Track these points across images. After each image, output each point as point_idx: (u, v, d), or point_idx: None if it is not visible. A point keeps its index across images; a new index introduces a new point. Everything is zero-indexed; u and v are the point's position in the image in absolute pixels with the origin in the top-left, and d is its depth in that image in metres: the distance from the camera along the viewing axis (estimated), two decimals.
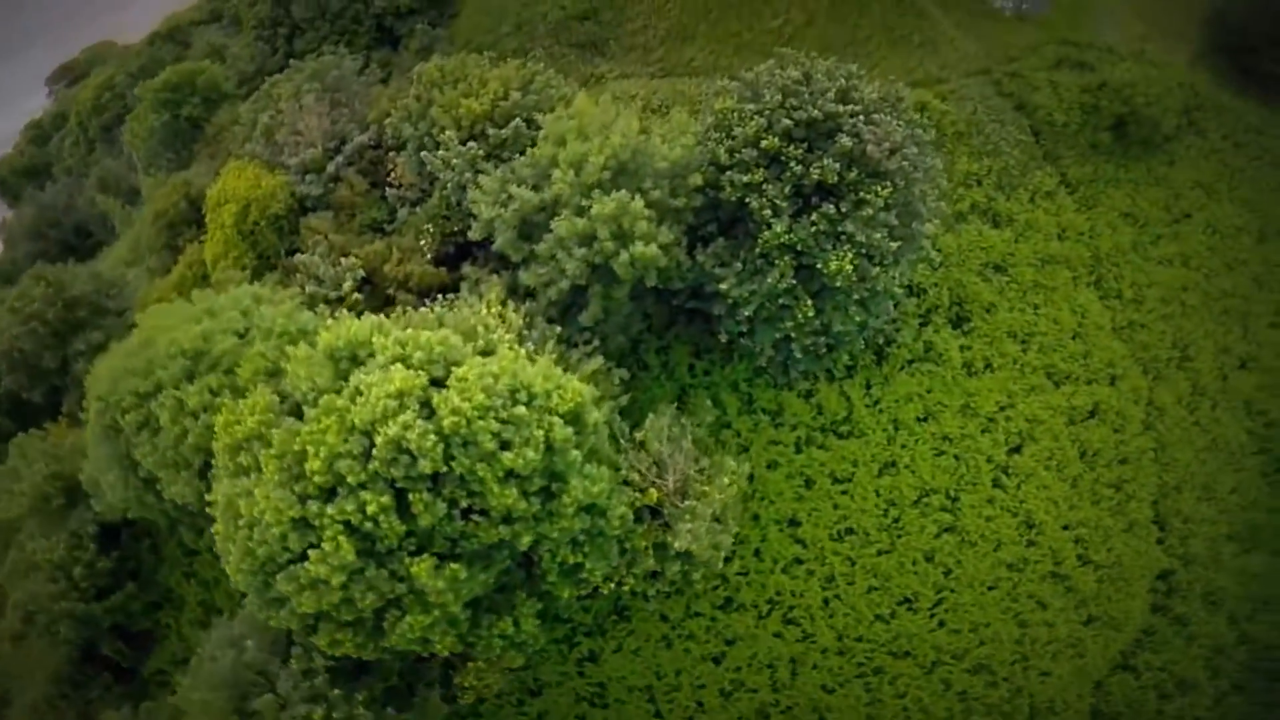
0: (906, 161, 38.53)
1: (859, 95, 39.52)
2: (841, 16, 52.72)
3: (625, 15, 52.72)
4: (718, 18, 52.15)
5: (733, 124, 39.87)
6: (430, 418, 33.25)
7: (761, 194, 38.59)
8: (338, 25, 55.47)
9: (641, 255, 36.81)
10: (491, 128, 41.69)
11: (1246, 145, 53.91)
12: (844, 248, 38.22)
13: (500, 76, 43.29)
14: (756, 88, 40.69)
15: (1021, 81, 51.31)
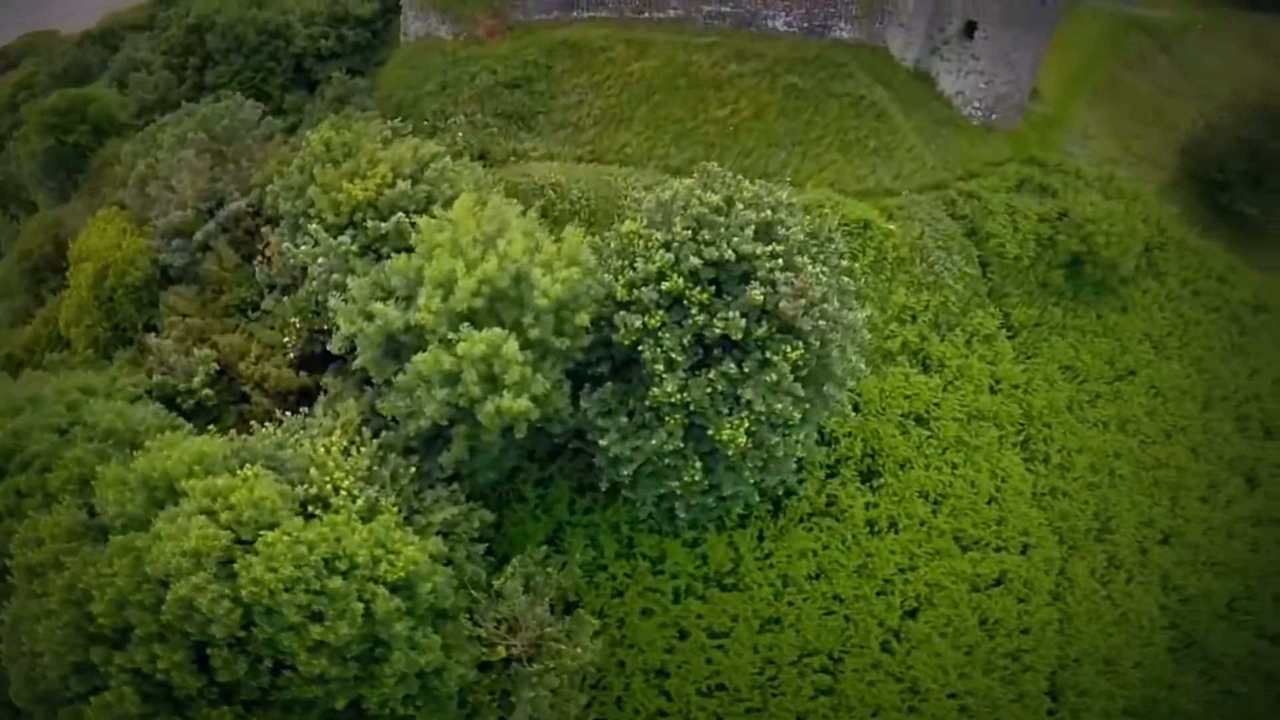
0: (824, 321, 31.80)
1: (784, 233, 32.64)
2: (794, 111, 45.45)
3: (560, 88, 45.15)
4: (660, 101, 44.74)
5: (636, 253, 32.95)
6: (231, 580, 27.56)
7: (658, 342, 31.90)
8: (253, 61, 48.06)
9: (509, 409, 30.26)
10: (372, 218, 34.56)
11: (1205, 294, 47.10)
12: (741, 413, 31.93)
13: (392, 158, 35.83)
14: (669, 211, 33.31)
15: (977, 204, 44.37)
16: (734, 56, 46.19)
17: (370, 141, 36.64)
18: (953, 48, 48.75)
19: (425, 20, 47.98)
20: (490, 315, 31.53)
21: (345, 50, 47.95)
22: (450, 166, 36.43)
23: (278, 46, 48.23)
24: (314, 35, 47.42)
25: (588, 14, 47.54)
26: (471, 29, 47.60)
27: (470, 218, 32.36)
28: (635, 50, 45.85)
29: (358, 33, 48.29)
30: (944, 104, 48.62)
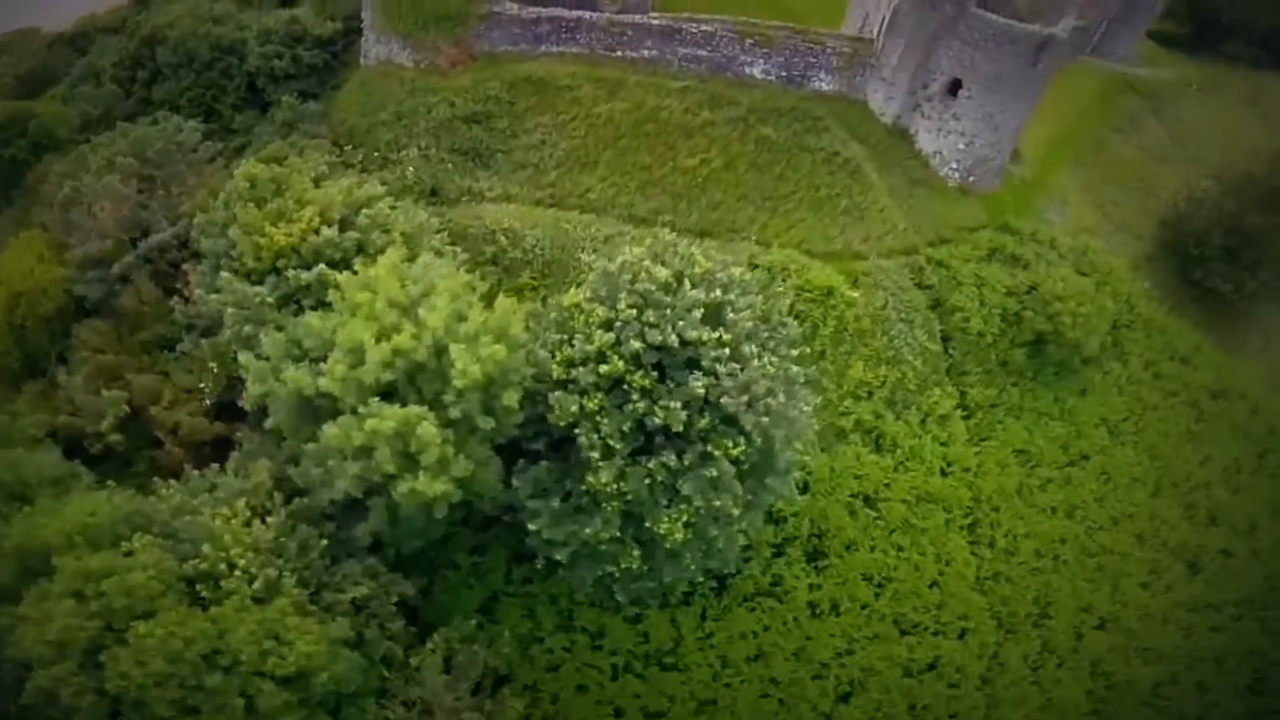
0: (768, 417, 28.18)
1: (733, 318, 28.74)
2: (766, 165, 41.82)
3: (522, 125, 41.14)
4: (627, 146, 41.03)
5: (576, 329, 29.40)
6: (97, 670, 24.24)
7: (595, 426, 28.55)
8: (204, 78, 43.63)
9: (425, 491, 26.89)
10: (295, 266, 30.77)
11: (1167, 378, 44.05)
12: (680, 505, 28.78)
13: (323, 200, 31.72)
14: (615, 285, 29.68)
15: (945, 274, 41.22)
16: (707, 103, 42.66)
17: (301, 179, 32.55)
18: (934, 105, 45.58)
19: (386, 45, 43.54)
20: (410, 386, 28.06)
21: (300, 72, 43.50)
22: (387, 211, 32.31)
23: (230, 64, 43.90)
24: (268, 55, 42.97)
25: (557, 49, 43.49)
26: (433, 58, 43.43)
27: (393, 278, 28.47)
28: (604, 90, 42.20)
29: (314, 54, 43.83)
30: (920, 163, 45.20)
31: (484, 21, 43.32)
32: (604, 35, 44.08)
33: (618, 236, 38.21)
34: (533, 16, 43.47)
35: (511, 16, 43.34)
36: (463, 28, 43.41)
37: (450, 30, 43.50)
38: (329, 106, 44.03)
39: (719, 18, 44.72)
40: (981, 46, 43.16)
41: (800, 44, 44.90)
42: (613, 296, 29.45)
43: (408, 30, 43.03)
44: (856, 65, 45.52)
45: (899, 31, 44.41)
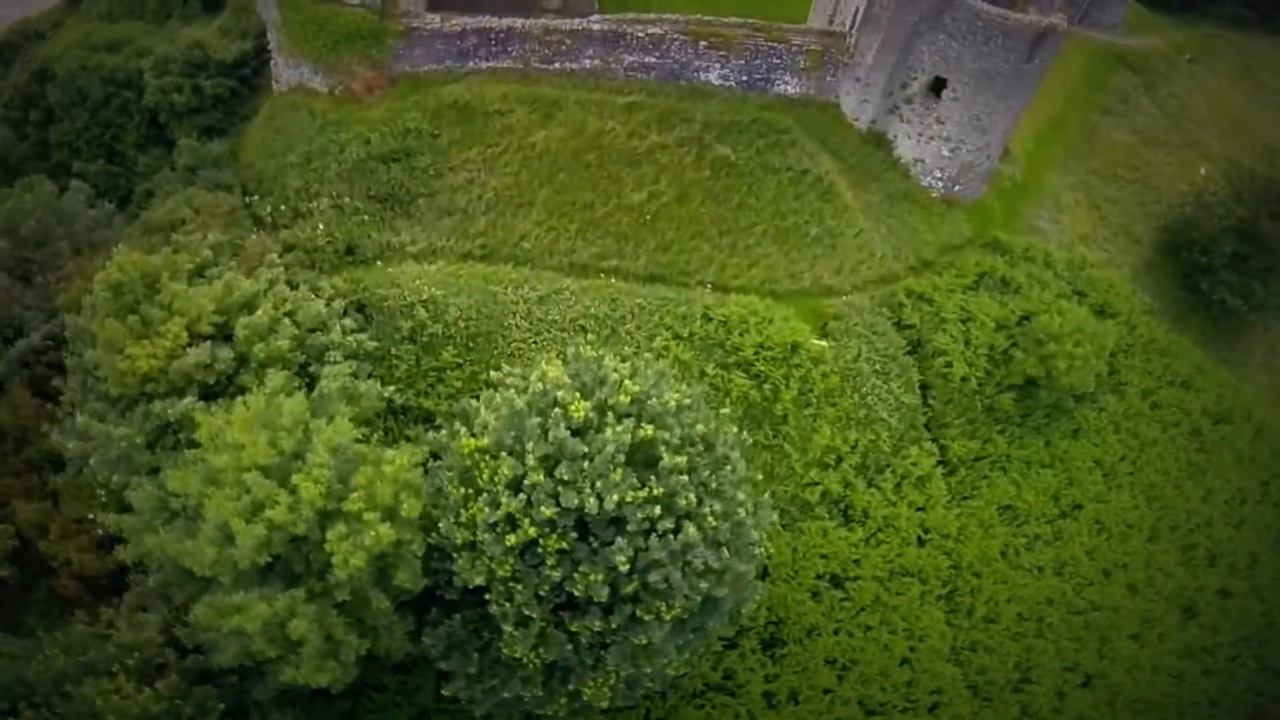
0: (708, 580, 21.54)
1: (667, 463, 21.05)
2: (724, 193, 32.80)
3: (447, 162, 31.99)
4: (566, 182, 32.06)
5: (480, 482, 21.95)
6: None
7: (507, 594, 21.92)
8: (100, 117, 35.14)
9: (309, 679, 21.20)
10: (161, 397, 23.42)
11: (1166, 407, 36.14)
12: (607, 669, 22.67)
13: (192, 308, 23.76)
14: (522, 428, 21.74)
15: (926, 310, 32.74)
16: (656, 122, 33.25)
17: (177, 275, 24.65)
18: (915, 108, 35.69)
19: (297, 69, 34.01)
20: (295, 553, 21.28)
21: (204, 104, 34.31)
22: (267, 317, 24.26)
23: (128, 99, 34.96)
24: (165, 89, 33.83)
25: (487, 64, 33.72)
26: (348, 82, 33.77)
27: (256, 436, 20.97)
28: (539, 114, 32.74)
29: (219, 83, 34.46)
30: (900, 173, 35.99)
31: (403, 39, 33.64)
32: (539, 46, 34.39)
33: (553, 296, 29.93)
34: (458, 30, 33.53)
35: (433, 31, 33.45)
36: (379, 47, 33.97)
37: (364, 51, 34.14)
38: (238, 143, 34.94)
39: (669, 17, 34.60)
40: (969, 41, 33.21)
41: (762, 43, 34.74)
42: (521, 442, 21.70)
43: (317, 54, 33.41)
44: (826, 64, 35.39)
45: (875, 26, 34.14)
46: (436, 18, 34.33)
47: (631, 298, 30.28)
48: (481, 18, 33.93)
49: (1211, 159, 44.54)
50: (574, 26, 34.39)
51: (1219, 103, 47.62)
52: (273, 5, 34.07)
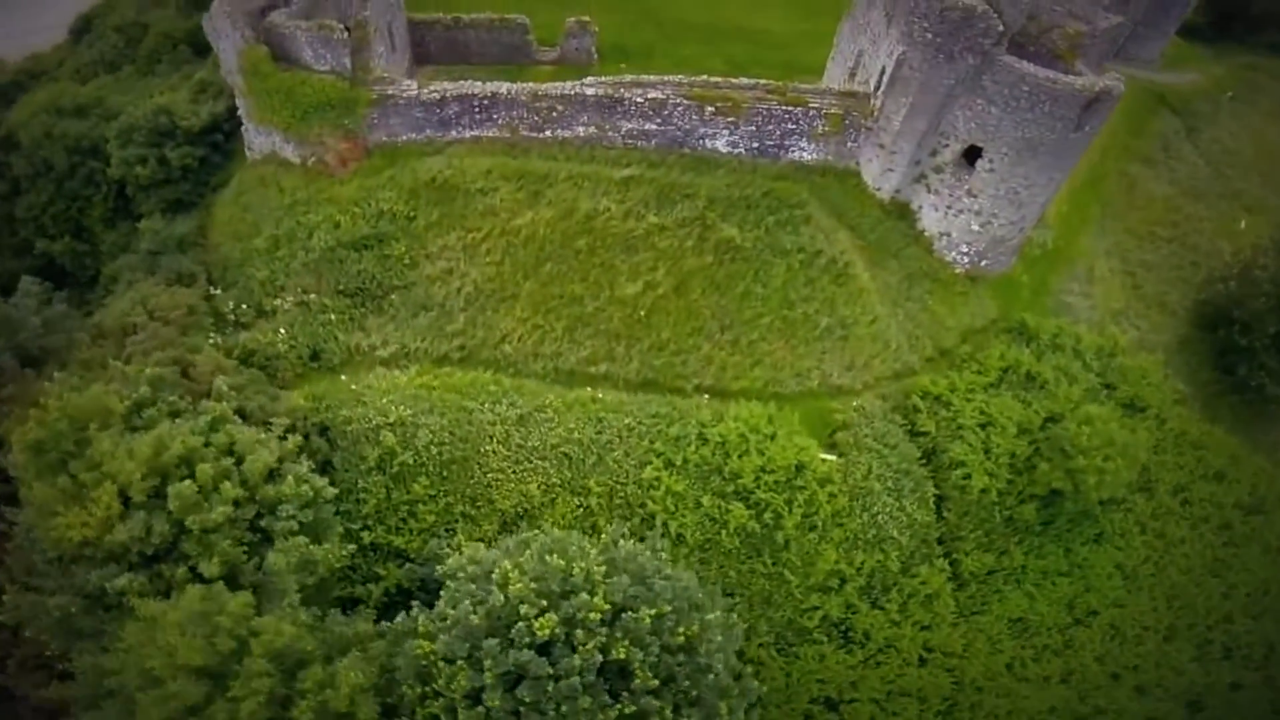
0: None
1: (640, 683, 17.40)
2: (728, 282, 27.14)
3: (424, 249, 26.60)
4: (554, 274, 26.56)
5: (437, 684, 17.99)
6: None
7: None
8: (66, 189, 30.00)
9: None
10: (99, 564, 19.42)
11: (1197, 503, 30.43)
12: None
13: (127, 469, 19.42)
14: (478, 638, 17.77)
15: (944, 415, 27.20)
16: (655, 200, 27.38)
17: (106, 424, 20.06)
18: (945, 178, 29.05)
19: (268, 136, 28.45)
20: None
21: (171, 175, 28.97)
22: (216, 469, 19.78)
23: (95, 169, 29.73)
24: (129, 160, 28.53)
25: (470, 133, 27.94)
26: (320, 154, 28.24)
27: (192, 638, 17.00)
28: (526, 193, 26.97)
29: (186, 153, 28.98)
30: (922, 248, 29.84)
31: (377, 108, 27.40)
32: (528, 113, 27.87)
33: (535, 415, 24.86)
34: (437, 97, 27.44)
35: (410, 99, 27.44)
36: (351, 117, 27.61)
37: (336, 121, 27.84)
38: (206, 218, 29.49)
39: (670, 79, 28.23)
40: (1011, 107, 26.66)
41: (775, 108, 28.56)
42: (476, 651, 17.41)
43: (286, 124, 27.52)
44: (847, 129, 28.78)
45: (903, 88, 27.58)
46: (413, 85, 28.26)
47: (620, 418, 25.17)
48: (464, 84, 27.91)
49: (1255, 210, 37.26)
50: (566, 92, 28.29)
51: (1263, 144, 39.64)
52: (236, 71, 28.36)
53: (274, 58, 27.86)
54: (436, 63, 32.92)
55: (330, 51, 27.55)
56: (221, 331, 26.77)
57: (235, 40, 27.71)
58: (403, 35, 31.36)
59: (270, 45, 27.80)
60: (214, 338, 26.18)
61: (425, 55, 32.86)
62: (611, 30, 34.24)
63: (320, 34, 27.17)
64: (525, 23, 32.29)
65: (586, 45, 32.53)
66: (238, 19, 27.26)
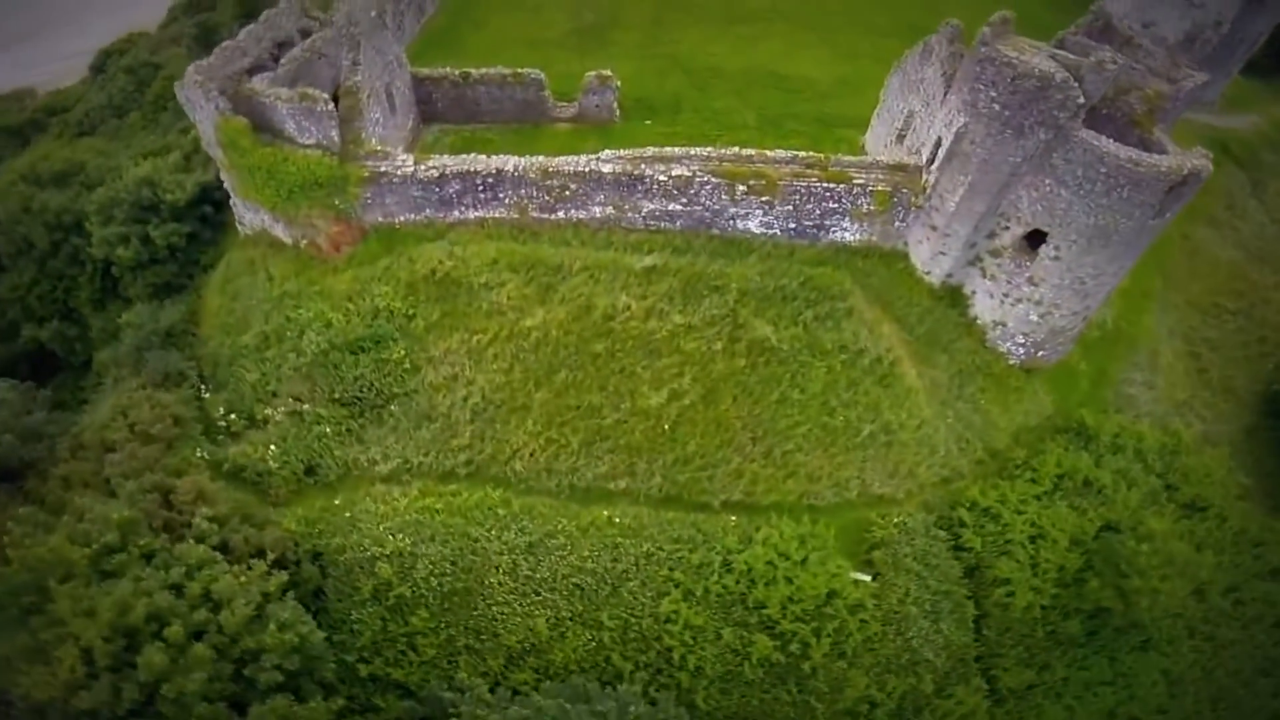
0: None
1: None
2: (761, 389, 22.48)
3: (426, 352, 22.04)
4: (568, 381, 22.02)
5: None
6: None
7: None
8: (49, 268, 25.90)
9: None
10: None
11: (1250, 604, 25.87)
12: None
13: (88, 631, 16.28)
14: None
15: (990, 532, 22.85)
16: (681, 294, 22.52)
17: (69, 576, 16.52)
18: (1003, 264, 23.76)
19: (256, 213, 23.89)
20: None
21: (158, 255, 24.57)
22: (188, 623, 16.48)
23: (78, 247, 25.41)
24: (111, 240, 24.14)
25: (474, 213, 23.13)
26: (312, 236, 23.82)
27: None
28: (536, 288, 22.23)
29: (172, 230, 24.43)
30: (974, 338, 24.85)
31: (370, 185, 22.52)
32: (537, 192, 22.96)
33: (545, 542, 20.94)
34: (435, 174, 22.44)
35: (406, 177, 22.55)
36: (342, 197, 22.61)
37: (325, 201, 22.75)
38: (196, 306, 24.91)
39: (697, 152, 22.88)
40: (1084, 190, 21.26)
41: (816, 185, 23.13)
42: None
43: (271, 203, 22.95)
44: (896, 206, 23.69)
45: (962, 165, 22.24)
46: (409, 160, 22.92)
47: (638, 543, 21.19)
48: (466, 159, 22.75)
49: None
50: (580, 168, 23.10)
51: None
52: (215, 144, 23.20)
53: (256, 128, 23.29)
54: (445, 121, 27.70)
55: (315, 124, 22.71)
56: (213, 439, 22.89)
57: (210, 112, 23.09)
58: (405, 94, 26.05)
59: (251, 115, 23.00)
60: (202, 452, 22.27)
61: (432, 113, 27.57)
62: (636, 81, 28.81)
63: (303, 105, 22.25)
64: (540, 78, 26.85)
65: (608, 101, 27.02)
66: (211, 89, 22.04)
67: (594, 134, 27.09)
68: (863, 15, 34.63)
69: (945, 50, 23.87)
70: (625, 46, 31.12)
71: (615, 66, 28.83)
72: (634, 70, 29.62)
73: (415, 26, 32.18)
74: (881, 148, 26.62)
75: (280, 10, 25.38)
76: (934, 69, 24.03)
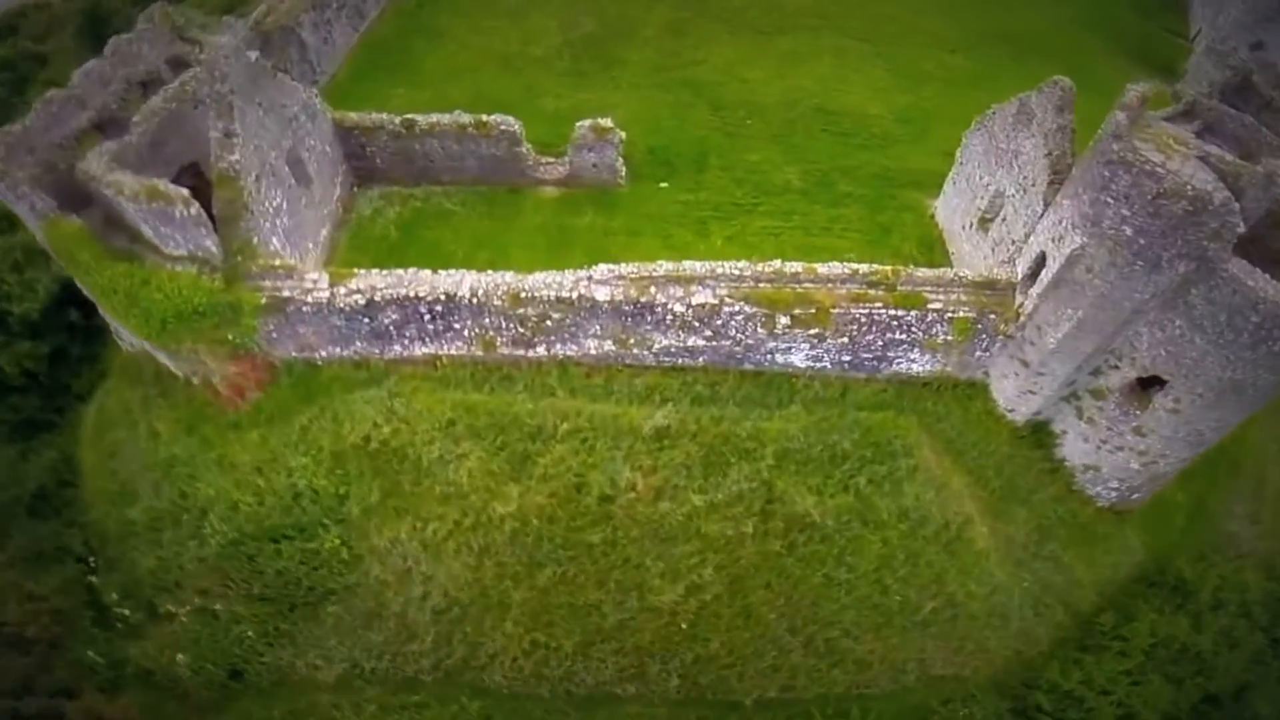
0: None
1: None
2: (800, 571, 15.75)
3: (366, 542, 14.88)
4: (555, 578, 15.03)
5: None
6: None
7: None
8: None
9: None
10: None
11: None
12: None
13: None
14: None
15: (1073, 714, 17.08)
16: (702, 465, 15.25)
17: None
18: (1105, 408, 16.39)
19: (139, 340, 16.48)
20: None
21: (14, 383, 17.06)
22: None
23: None
24: None
25: (424, 348, 15.49)
26: (205, 375, 15.72)
27: None
28: (507, 461, 14.89)
29: (25, 352, 16.83)
30: (1059, 481, 17.83)
31: (272, 315, 15.08)
32: (507, 323, 15.31)
33: None
34: (361, 301, 14.58)
35: (319, 304, 14.82)
36: (236, 329, 15.16)
37: (213, 334, 14.94)
38: (72, 446, 17.32)
39: (727, 270, 14.93)
40: (1225, 340, 13.84)
41: (879, 312, 15.41)
42: None
43: (144, 335, 15.08)
44: (979, 333, 16.33)
45: (1073, 297, 14.60)
46: (322, 280, 14.59)
47: None
48: (402, 278, 14.67)
49: None
50: (564, 294, 15.18)
51: None
52: (50, 249, 15.87)
53: (109, 223, 15.39)
54: (389, 181, 19.44)
55: (179, 232, 15.10)
56: (107, 629, 16.35)
57: (32, 206, 15.20)
58: (326, 153, 17.45)
59: (100, 204, 15.38)
60: (96, 654, 15.81)
61: (370, 170, 18.92)
62: (648, 120, 20.45)
63: (153, 207, 14.61)
64: (513, 129, 18.19)
65: (608, 160, 18.59)
66: (19, 178, 13.71)
67: (591, 202, 19.15)
68: (924, 22, 25.92)
69: (1051, 121, 16.03)
70: (634, 68, 22.38)
71: (621, 99, 20.67)
72: (645, 105, 21.12)
73: (349, 38, 23.13)
74: (959, 229, 19.05)
75: (138, 35, 16.78)
76: (1034, 142, 16.31)
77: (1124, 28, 31.22)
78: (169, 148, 15.69)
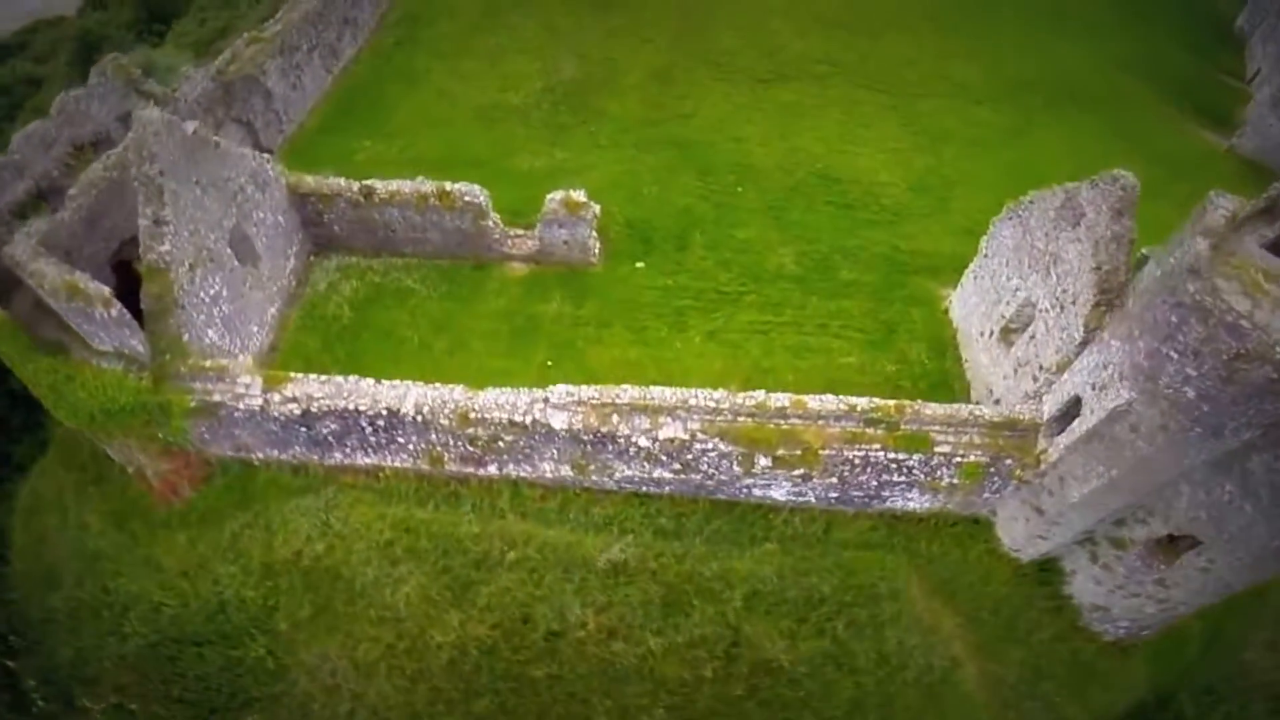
0: None
1: None
2: (762, 713, 13.34)
3: (294, 655, 13.16)
4: (494, 707, 13.18)
5: None
6: None
7: None
8: None
9: None
10: None
11: None
12: None
13: None
14: None
15: None
16: (661, 606, 13.20)
17: None
18: (1125, 559, 13.80)
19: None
20: None
21: None
22: None
23: None
24: None
25: (363, 459, 13.56)
26: (139, 466, 14.31)
27: None
28: (448, 587, 13.01)
29: None
30: (1064, 620, 15.29)
31: (203, 418, 13.28)
32: (455, 441, 13.43)
33: None
34: (297, 411, 12.74)
35: (251, 412, 13.05)
36: (167, 429, 13.43)
37: (145, 433, 13.53)
38: (6, 519, 16.06)
39: (700, 401, 12.60)
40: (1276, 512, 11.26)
41: (875, 454, 13.03)
42: None
43: (75, 425, 13.37)
44: (991, 476, 14.15)
45: (1109, 455, 11.91)
46: (256, 387, 12.82)
47: None
48: (341, 388, 12.80)
49: None
50: (517, 418, 13.00)
51: None
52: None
53: (38, 306, 13.87)
54: (347, 250, 17.40)
55: (101, 330, 13.46)
56: (22, 715, 15.34)
57: None
58: (278, 223, 15.47)
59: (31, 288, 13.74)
60: None
61: (328, 237, 16.98)
62: (627, 185, 18.05)
63: (72, 305, 12.88)
64: (480, 202, 15.94)
65: (581, 237, 16.31)
66: None
67: (560, 284, 16.94)
68: (948, 68, 22.70)
69: (1105, 227, 12.95)
70: (615, 122, 19.79)
71: (599, 159, 18.25)
72: (625, 168, 18.64)
73: (322, 81, 20.67)
74: (976, 334, 16.61)
75: (88, 92, 14.85)
76: (1079, 249, 13.41)
77: (1172, 69, 27.09)
78: (108, 220, 13.91)
